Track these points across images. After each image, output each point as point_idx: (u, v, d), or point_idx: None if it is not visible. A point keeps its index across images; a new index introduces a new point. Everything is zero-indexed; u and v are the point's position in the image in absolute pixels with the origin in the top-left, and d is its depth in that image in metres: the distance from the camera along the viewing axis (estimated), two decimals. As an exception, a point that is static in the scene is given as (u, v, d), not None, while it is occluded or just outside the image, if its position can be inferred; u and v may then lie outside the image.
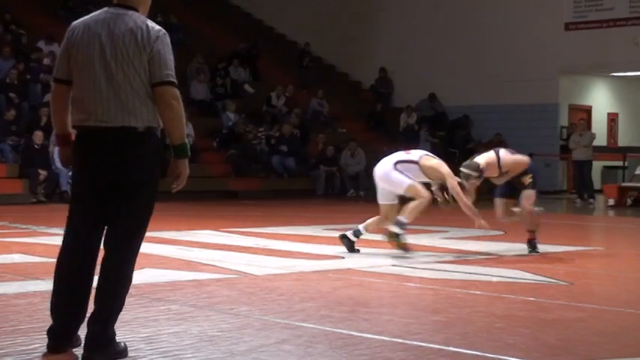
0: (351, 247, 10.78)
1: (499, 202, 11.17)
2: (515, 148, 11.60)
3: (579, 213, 20.73)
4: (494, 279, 8.87)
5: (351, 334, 6.00)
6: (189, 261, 9.78)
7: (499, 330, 6.27)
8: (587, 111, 29.17)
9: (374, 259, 10.22)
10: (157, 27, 5.19)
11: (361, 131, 28.01)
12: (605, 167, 27.70)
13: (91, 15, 5.27)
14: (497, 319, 6.68)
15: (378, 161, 11.13)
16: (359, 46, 31.05)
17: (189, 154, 5.26)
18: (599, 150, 25.87)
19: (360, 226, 10.83)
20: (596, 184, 25.15)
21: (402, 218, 10.52)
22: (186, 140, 5.24)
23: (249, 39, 29.88)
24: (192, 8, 30.89)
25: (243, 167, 23.40)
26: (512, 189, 11.02)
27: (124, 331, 5.67)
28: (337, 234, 11.17)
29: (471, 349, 5.58)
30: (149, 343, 5.63)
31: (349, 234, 10.84)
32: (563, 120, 28.17)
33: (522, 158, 11.14)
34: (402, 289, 8.16)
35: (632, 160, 26.21)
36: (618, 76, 29.46)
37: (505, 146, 12.79)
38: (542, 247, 11.18)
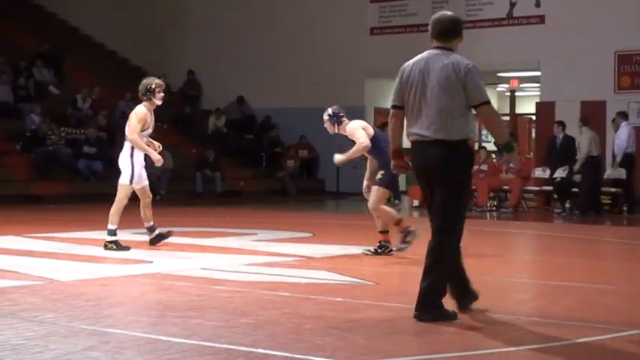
0: (161, 238, 11.42)
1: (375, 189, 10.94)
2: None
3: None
4: (303, 280, 8.95)
5: (160, 339, 5.95)
6: (-9, 268, 9.49)
7: (307, 331, 6.34)
8: (392, 114, 29.80)
9: (183, 263, 10.17)
10: (466, 61, 6.75)
11: (170, 134, 27.78)
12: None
13: (416, 57, 6.92)
14: (305, 320, 6.75)
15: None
16: (167, 47, 30.81)
17: (514, 149, 7.11)
18: (404, 152, 26.44)
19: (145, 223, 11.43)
20: (401, 185, 25.73)
21: (109, 226, 11.17)
22: (510, 139, 6.96)
23: (54, 39, 29.21)
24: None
25: (48, 171, 22.84)
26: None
27: None
28: (144, 238, 11.11)
29: (279, 351, 5.63)
30: (-51, 353, 5.44)
31: (150, 235, 11.38)
32: (369, 122, 28.68)
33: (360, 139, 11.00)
34: (211, 292, 8.14)
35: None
36: (422, 80, 30.20)
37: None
38: (350, 249, 11.35)
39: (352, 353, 5.69)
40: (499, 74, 28.27)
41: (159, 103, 11.53)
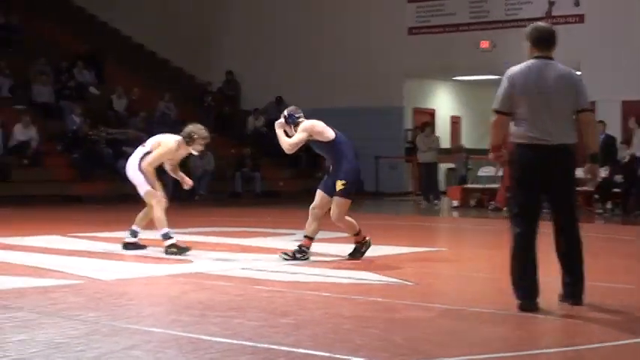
0: (136, 247, 11.08)
1: (319, 194, 10.75)
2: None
3: (425, 214, 21.11)
4: (343, 280, 8.96)
5: (201, 338, 5.98)
6: (34, 267, 9.59)
7: (348, 331, 6.34)
8: (431, 114, 29.77)
9: (223, 263, 10.21)
10: (574, 72, 7.49)
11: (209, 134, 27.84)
12: (449, 169, 28.28)
13: (522, 65, 7.38)
14: (346, 320, 6.76)
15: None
16: (206, 48, 30.94)
17: (598, 161, 7.49)
18: (443, 152, 26.46)
19: (134, 226, 11.13)
20: (441, 185, 25.69)
21: (162, 231, 10.80)
22: (598, 151, 7.45)
23: (95, 41, 29.42)
24: (34, 9, 30.18)
25: (88, 171, 23.01)
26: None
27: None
28: (182, 237, 11.18)
29: (320, 351, 5.64)
30: (-6, 352, 5.50)
31: (127, 238, 11.14)
32: (408, 123, 28.68)
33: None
34: (252, 292, 8.17)
35: (474, 162, 26.84)
36: (460, 80, 30.16)
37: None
38: (389, 249, 11.33)
39: (392, 353, 5.69)
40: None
41: (194, 153, 11.48)
